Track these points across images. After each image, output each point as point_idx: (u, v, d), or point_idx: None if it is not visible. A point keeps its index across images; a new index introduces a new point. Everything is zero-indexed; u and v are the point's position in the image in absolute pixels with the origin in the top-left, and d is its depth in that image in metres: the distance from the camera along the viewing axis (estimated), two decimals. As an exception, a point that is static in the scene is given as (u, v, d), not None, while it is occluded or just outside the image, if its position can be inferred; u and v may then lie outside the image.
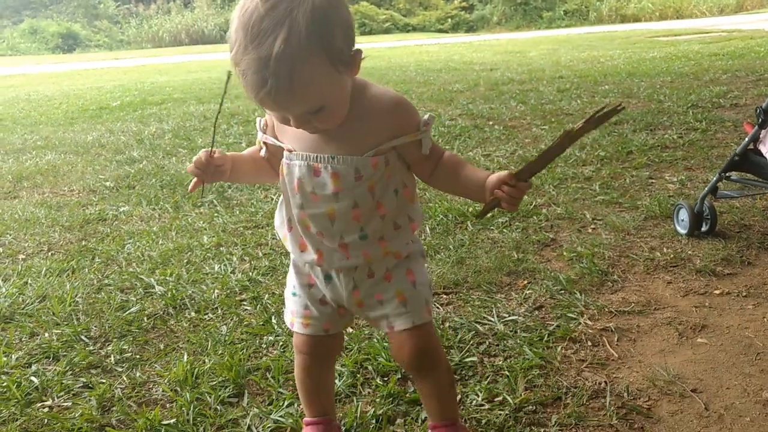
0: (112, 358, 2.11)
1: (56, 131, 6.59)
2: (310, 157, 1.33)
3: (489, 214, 1.38)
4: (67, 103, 8.87)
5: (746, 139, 2.72)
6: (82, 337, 2.25)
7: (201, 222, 3.38)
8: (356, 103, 1.30)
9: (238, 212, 3.50)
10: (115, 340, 2.23)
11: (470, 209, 3.26)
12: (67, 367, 2.06)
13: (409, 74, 9.78)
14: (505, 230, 3.01)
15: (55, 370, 2.06)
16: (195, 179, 1.40)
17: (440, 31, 26.41)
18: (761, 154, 2.67)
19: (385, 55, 14.31)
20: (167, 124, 6.59)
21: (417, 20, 27.45)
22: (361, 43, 1.27)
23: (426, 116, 1.37)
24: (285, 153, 1.38)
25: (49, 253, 3.09)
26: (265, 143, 1.45)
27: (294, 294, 1.51)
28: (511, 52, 13.23)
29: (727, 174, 2.81)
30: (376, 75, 9.68)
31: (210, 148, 1.38)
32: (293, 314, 1.52)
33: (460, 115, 6.01)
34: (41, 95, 10.12)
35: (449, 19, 27.47)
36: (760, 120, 2.63)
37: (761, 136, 2.67)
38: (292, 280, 1.52)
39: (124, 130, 6.43)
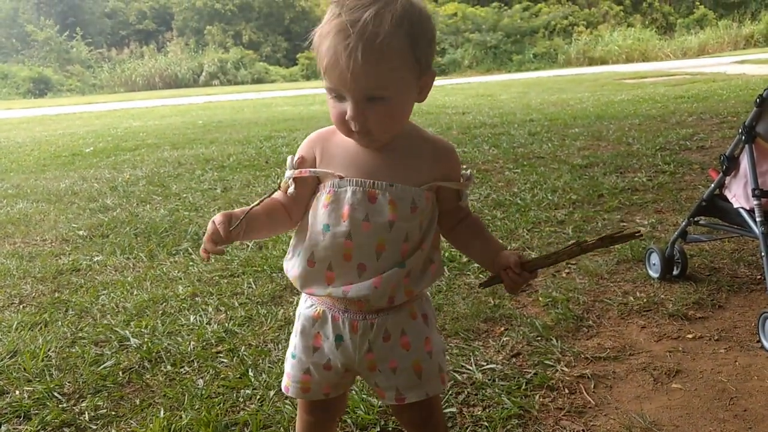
0: (86, 416, 2.07)
1: (28, 179, 6.53)
2: (366, 183, 1.30)
3: (492, 286, 1.40)
4: (39, 149, 8.81)
5: (712, 185, 2.79)
6: (55, 394, 2.20)
7: (176, 271, 3.36)
8: (413, 137, 1.35)
9: (213, 260, 3.49)
10: (89, 396, 2.19)
11: (446, 254, 3.29)
12: (39, 427, 2.02)
13: (383, 118, 9.89)
14: (481, 275, 3.03)
15: (27, 429, 2.01)
16: (205, 254, 1.30)
17: (413, 74, 26.79)
18: (727, 200, 2.74)
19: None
20: (141, 170, 6.57)
21: (389, 63, 27.81)
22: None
23: (468, 172, 1.41)
24: (330, 182, 1.32)
25: (21, 306, 3.05)
26: (295, 180, 1.36)
27: (293, 356, 1.45)
28: (482, 95, 13.47)
29: (695, 218, 2.87)
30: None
31: (231, 227, 1.26)
32: (289, 378, 1.46)
33: (433, 159, 6.07)
34: (12, 142, 10.04)
35: (421, 63, 27.89)
36: (724, 167, 2.71)
37: (726, 182, 2.75)
38: (294, 341, 1.45)
39: (97, 177, 6.39)
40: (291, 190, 1.37)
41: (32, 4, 32.91)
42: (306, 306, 1.43)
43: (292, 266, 1.40)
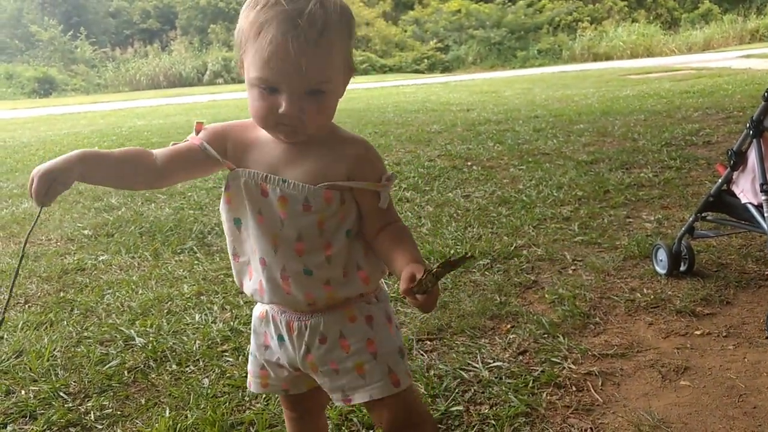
0: (92, 415, 2.07)
1: (33, 178, 6.53)
2: (258, 175, 1.29)
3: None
4: (44, 149, 8.81)
5: (719, 180, 2.77)
6: (61, 394, 2.20)
7: (181, 270, 3.36)
8: (327, 135, 1.30)
9: (218, 259, 3.48)
10: (94, 395, 2.19)
11: (452, 251, 3.28)
12: (45, 427, 2.02)
13: (387, 115, 9.87)
14: (486, 272, 3.02)
15: (33, 429, 2.01)
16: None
17: (416, 71, 26.74)
18: (734, 195, 2.72)
19: (363, 96, 14.45)
20: (146, 169, 6.55)
21: (393, 61, 27.77)
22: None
23: (390, 173, 1.34)
24: (228, 176, 1.33)
25: (26, 306, 3.05)
26: (200, 147, 1.33)
27: (251, 353, 1.48)
28: (486, 92, 13.43)
29: (702, 214, 2.85)
30: (354, 116, 9.76)
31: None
32: (250, 374, 1.50)
33: (438, 155, 6.06)
34: (17, 141, 10.05)
35: (425, 60, 27.84)
36: (731, 162, 2.69)
37: (734, 177, 2.73)
38: (252, 339, 1.49)
39: (102, 176, 6.38)
40: (183, 145, 1.35)
41: (36, 4, 32.96)
42: (256, 305, 1.47)
43: (233, 268, 1.42)
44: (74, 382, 2.28)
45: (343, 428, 1.91)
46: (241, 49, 1.22)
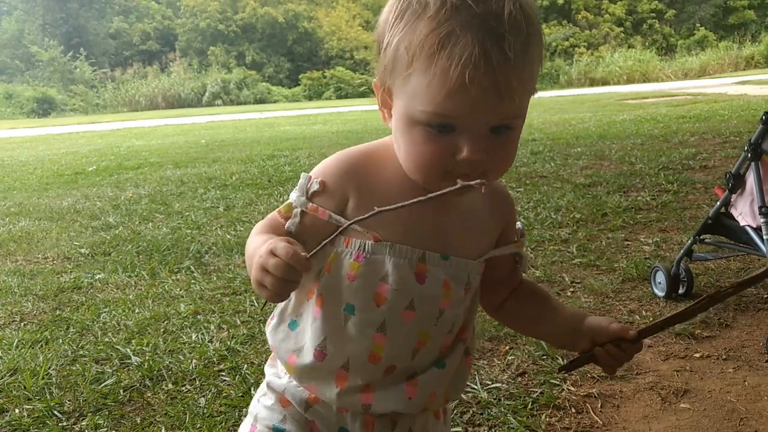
0: (86, 434, 2.05)
1: (30, 197, 6.53)
2: (415, 254, 0.93)
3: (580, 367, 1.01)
4: (42, 168, 8.82)
5: (718, 203, 2.78)
6: (55, 413, 2.18)
7: (178, 289, 3.34)
8: None
9: (215, 278, 3.47)
10: (89, 414, 2.17)
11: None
12: (39, 445, 1.99)
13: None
14: (484, 294, 3.01)
15: (27, 448, 1.99)
16: (279, 298, 0.90)
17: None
18: (733, 218, 2.73)
19: (362, 118, 14.54)
20: (144, 188, 6.57)
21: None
22: (337, 106, 1.14)
23: (518, 224, 1.07)
24: (360, 243, 0.94)
25: (22, 324, 3.02)
26: (303, 214, 0.96)
27: None
28: (484, 115, 13.47)
29: (701, 237, 2.86)
30: (352, 138, 9.80)
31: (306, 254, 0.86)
32: None
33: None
34: (15, 160, 10.07)
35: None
36: (730, 184, 2.70)
37: (732, 200, 2.74)
38: (268, 423, 1.05)
39: (99, 195, 6.39)
40: (292, 225, 0.96)
41: (37, 25, 33.22)
42: (290, 379, 1.05)
43: (286, 346, 1.03)
44: (69, 400, 2.26)
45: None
46: (396, 72, 0.87)
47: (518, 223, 1.07)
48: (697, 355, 2.37)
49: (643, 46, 29.88)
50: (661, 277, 2.87)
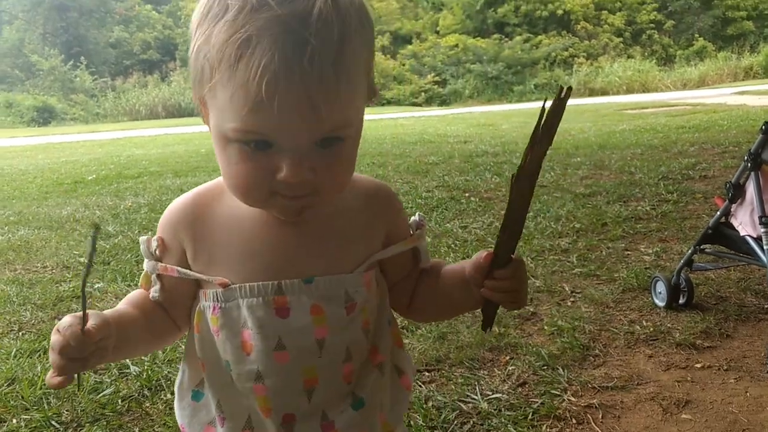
0: (84, 445, 2.03)
1: (30, 206, 6.52)
2: (268, 288, 0.85)
3: (495, 318, 0.93)
4: (42, 177, 8.82)
5: (718, 212, 2.78)
6: (53, 423, 2.17)
7: (177, 298, 3.33)
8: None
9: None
10: (87, 424, 2.15)
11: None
12: (37, 456, 1.98)
13: (385, 147, 9.92)
14: (485, 304, 3.00)
15: (24, 458, 1.97)
16: (62, 375, 0.83)
17: (414, 104, 26.98)
18: (733, 228, 2.73)
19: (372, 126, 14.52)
20: (143, 198, 6.56)
21: (391, 94, 28.02)
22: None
23: (415, 215, 1.00)
24: (213, 292, 0.88)
25: (20, 333, 3.01)
26: (161, 278, 0.91)
27: None
28: (483, 124, 13.52)
29: (701, 247, 2.85)
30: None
31: (82, 313, 0.82)
32: None
33: (436, 186, 6.07)
34: (15, 169, 10.06)
35: (423, 93, 28.14)
36: (730, 194, 2.70)
37: (732, 209, 2.73)
38: None
39: (99, 204, 6.38)
40: (155, 292, 0.91)
41: (38, 34, 33.30)
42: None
43: (199, 419, 0.93)
44: (67, 411, 2.25)
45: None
46: (203, 84, 0.78)
47: (416, 215, 1.00)
48: (698, 365, 2.36)
49: (642, 56, 29.93)
50: (661, 287, 2.87)
